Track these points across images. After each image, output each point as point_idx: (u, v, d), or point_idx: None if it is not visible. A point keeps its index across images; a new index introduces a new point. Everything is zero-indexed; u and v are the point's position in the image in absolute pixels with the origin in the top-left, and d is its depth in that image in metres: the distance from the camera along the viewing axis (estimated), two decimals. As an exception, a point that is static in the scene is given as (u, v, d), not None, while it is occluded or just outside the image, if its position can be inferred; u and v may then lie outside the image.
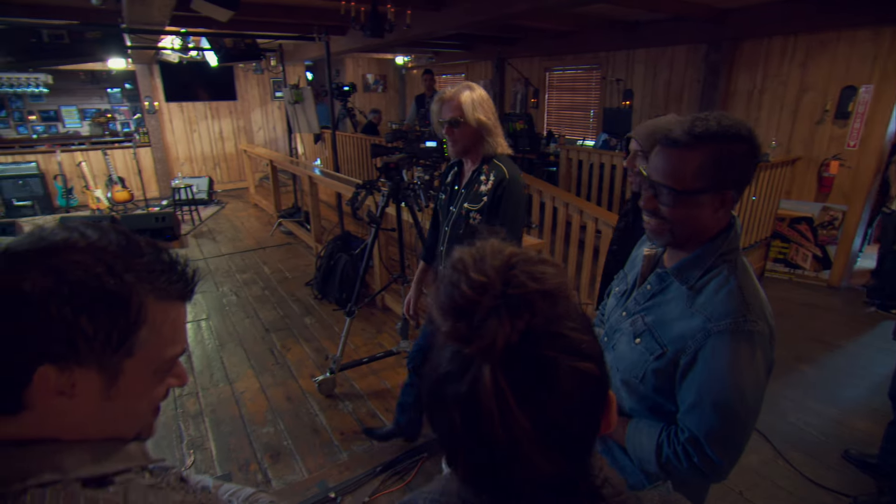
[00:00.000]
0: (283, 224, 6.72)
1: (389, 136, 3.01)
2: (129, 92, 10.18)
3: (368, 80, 10.99)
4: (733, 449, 1.02)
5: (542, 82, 7.92)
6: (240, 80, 9.82)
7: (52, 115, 10.08)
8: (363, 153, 6.84)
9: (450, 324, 0.50)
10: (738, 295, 1.00)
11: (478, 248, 0.54)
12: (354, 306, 2.97)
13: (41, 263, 0.51)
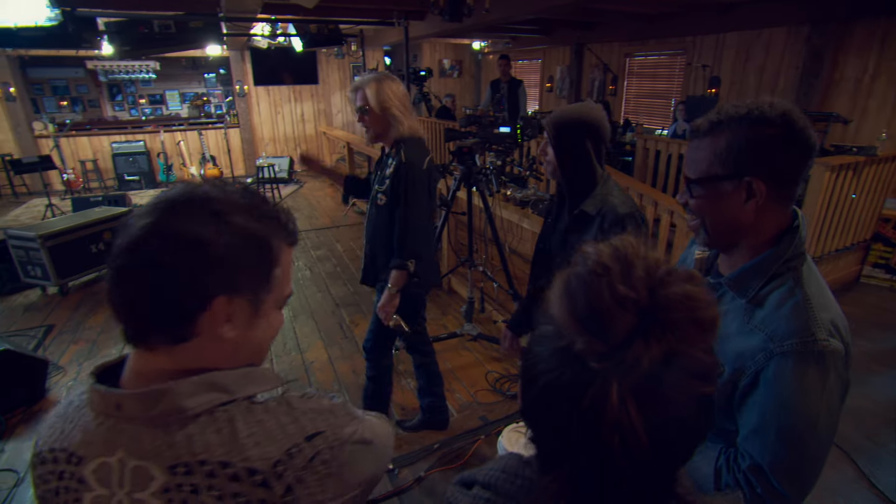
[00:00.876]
0: (357, 204, 6.92)
1: (463, 120, 3.00)
2: (222, 77, 10.83)
3: (444, 65, 11.00)
4: (803, 480, 0.90)
5: (621, 69, 7.57)
6: (322, 65, 10.16)
7: (157, 99, 10.95)
8: (437, 137, 6.88)
9: (585, 337, 0.48)
10: (805, 309, 0.87)
11: (618, 248, 0.50)
12: (422, 287, 3.01)
13: (206, 210, 0.59)
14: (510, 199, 3.31)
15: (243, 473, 0.56)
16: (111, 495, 0.58)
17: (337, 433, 0.63)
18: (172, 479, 0.56)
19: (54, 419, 0.64)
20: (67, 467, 0.59)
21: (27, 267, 4.36)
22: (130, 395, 0.58)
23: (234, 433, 0.58)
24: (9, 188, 8.35)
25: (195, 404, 0.58)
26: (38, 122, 8.73)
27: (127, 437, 0.58)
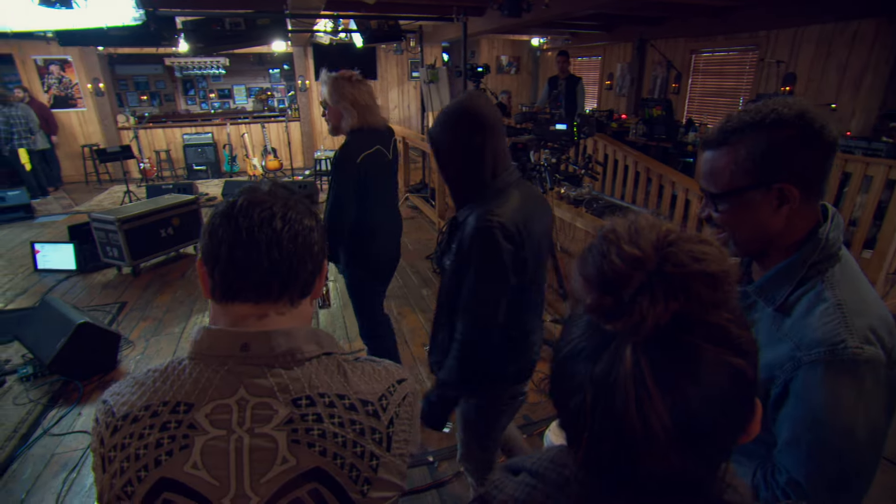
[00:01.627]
0: (410, 199, 7.00)
1: (519, 117, 2.97)
2: (286, 72, 11.23)
3: (502, 62, 10.92)
4: (846, 494, 0.84)
5: (685, 66, 7.24)
6: (381, 61, 10.32)
7: (226, 93, 11.52)
8: (490, 134, 6.85)
9: (595, 296, 0.47)
10: (836, 314, 0.81)
11: (631, 220, 0.50)
12: (470, 282, 3.01)
13: (307, 208, 0.74)
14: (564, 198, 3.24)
15: (358, 404, 0.65)
16: (228, 434, 0.61)
17: (412, 383, 0.75)
18: (296, 411, 0.63)
19: (132, 388, 0.66)
20: (173, 416, 0.62)
21: (106, 248, 4.71)
22: (259, 334, 0.65)
23: (344, 374, 0.68)
24: (94, 175, 9.04)
25: (308, 350, 0.68)
26: (122, 115, 9.38)
27: (247, 377, 0.64)
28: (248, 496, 0.60)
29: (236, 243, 0.67)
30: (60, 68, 8.71)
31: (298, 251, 0.69)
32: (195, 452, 0.60)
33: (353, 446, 0.63)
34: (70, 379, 3.00)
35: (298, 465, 0.61)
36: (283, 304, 0.69)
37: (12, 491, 2.27)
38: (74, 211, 7.17)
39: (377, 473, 0.64)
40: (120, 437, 0.62)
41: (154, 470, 0.60)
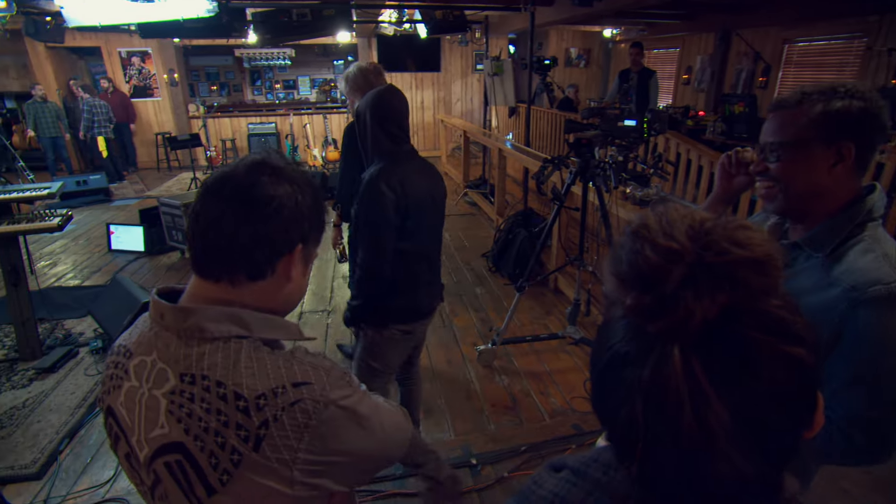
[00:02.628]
0: (469, 194, 7.02)
1: (586, 112, 2.91)
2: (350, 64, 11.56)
3: (571, 55, 10.70)
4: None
5: (776, 57, 6.79)
6: (445, 53, 10.39)
7: (290, 84, 12.03)
8: (557, 130, 6.74)
9: (633, 296, 0.45)
10: (886, 261, 0.93)
11: (660, 212, 0.48)
12: (526, 282, 2.99)
13: (299, 178, 0.75)
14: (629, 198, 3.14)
15: (231, 396, 0.65)
16: (139, 388, 0.71)
17: (324, 391, 0.69)
18: (179, 385, 0.67)
19: (132, 325, 0.79)
20: (122, 359, 0.74)
21: (172, 231, 5.04)
22: (170, 308, 0.70)
23: (236, 361, 0.67)
24: (165, 162, 9.70)
25: (215, 329, 0.68)
26: (192, 105, 10.01)
27: (162, 343, 0.70)
28: (143, 444, 0.70)
29: (190, 220, 0.73)
30: (141, 60, 9.41)
31: (250, 233, 0.70)
32: (122, 393, 0.72)
33: (216, 435, 0.65)
34: (134, 355, 3.24)
35: (169, 435, 0.67)
36: (224, 284, 0.71)
37: (80, 455, 2.48)
38: (146, 195, 7.73)
39: (239, 469, 0.65)
40: (107, 361, 0.78)
41: (106, 396, 0.75)
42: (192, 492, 0.67)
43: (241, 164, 0.74)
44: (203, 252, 0.71)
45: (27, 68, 9.20)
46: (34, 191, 2.99)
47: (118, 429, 0.73)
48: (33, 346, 3.25)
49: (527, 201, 5.34)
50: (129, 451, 0.73)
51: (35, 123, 7.97)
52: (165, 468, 0.68)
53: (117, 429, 0.74)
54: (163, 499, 0.71)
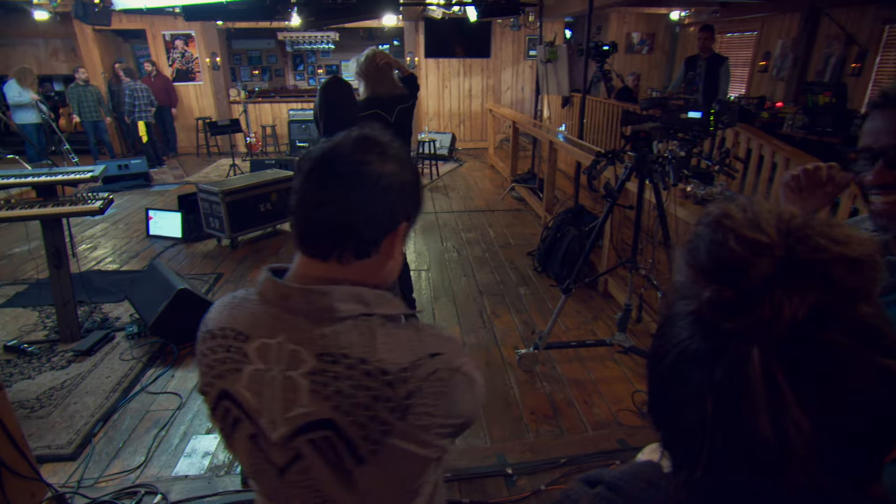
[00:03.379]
0: (516, 189, 6.99)
1: (645, 102, 2.84)
2: (395, 49, 11.68)
3: (633, 40, 10.45)
4: None
5: (873, 40, 6.40)
6: (495, 38, 10.36)
7: (333, 69, 12.28)
8: (613, 121, 6.61)
9: (711, 290, 0.44)
10: None
11: (744, 203, 0.47)
12: (573, 284, 2.96)
13: (403, 157, 0.81)
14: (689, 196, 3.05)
15: (376, 371, 0.72)
16: (267, 369, 0.76)
17: (453, 359, 0.77)
18: (319, 364, 0.74)
19: (221, 307, 0.84)
20: (234, 342, 0.78)
21: (209, 218, 5.26)
22: (298, 290, 0.76)
23: (372, 338, 0.74)
24: (205, 148, 10.11)
25: (345, 309, 0.75)
26: (234, 89, 10.38)
27: (288, 324, 0.76)
28: (278, 424, 0.75)
29: (297, 198, 0.78)
30: (184, 43, 9.83)
31: (362, 212, 0.75)
32: (244, 376, 0.77)
33: (365, 409, 0.72)
34: (167, 342, 3.42)
35: (315, 413, 0.73)
36: (333, 262, 0.77)
37: (113, 439, 2.64)
38: (185, 181, 8.09)
39: (388, 438, 0.73)
40: (205, 346, 0.82)
41: (219, 381, 0.79)
42: (339, 464, 0.74)
43: (346, 140, 0.78)
44: (312, 231, 0.77)
45: (75, 51, 9.78)
46: (78, 174, 3.19)
47: (239, 411, 0.78)
48: (72, 329, 3.47)
49: (578, 198, 5.27)
50: (254, 432, 0.78)
51: (78, 107, 8.46)
52: (310, 444, 0.74)
53: (238, 412, 0.78)
54: (302, 473, 0.77)
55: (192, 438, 2.64)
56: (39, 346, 3.41)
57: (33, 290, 4.23)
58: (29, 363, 3.24)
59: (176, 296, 3.31)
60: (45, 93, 9.53)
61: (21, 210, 3.02)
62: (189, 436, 2.66)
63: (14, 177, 3.11)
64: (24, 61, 9.39)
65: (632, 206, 2.96)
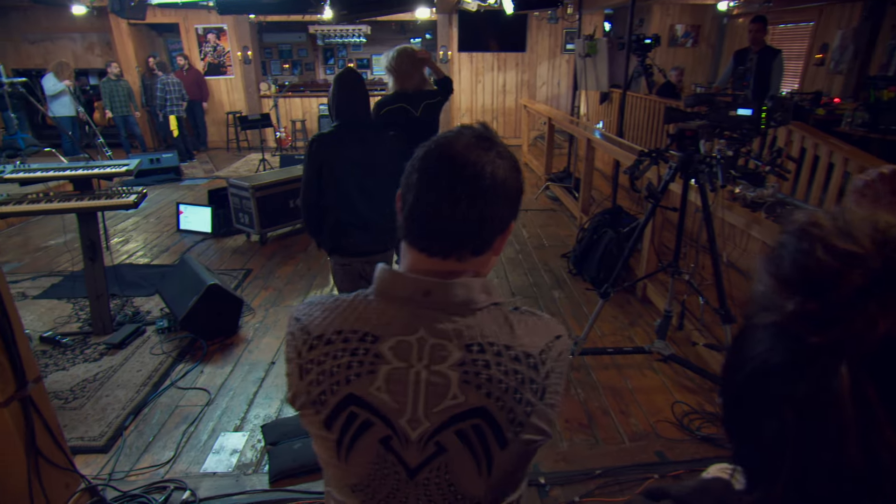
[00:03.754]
0: (550, 188, 6.94)
1: (691, 99, 2.79)
2: (427, 42, 11.72)
3: (676, 32, 10.25)
4: None
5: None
6: (531, 31, 10.30)
7: (364, 63, 12.39)
8: (655, 119, 6.50)
9: (796, 301, 0.43)
10: None
11: (832, 213, 0.46)
12: (611, 288, 2.93)
13: (514, 159, 0.85)
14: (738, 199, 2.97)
15: (522, 356, 0.79)
16: (409, 367, 0.78)
17: (566, 339, 0.87)
18: (468, 355, 0.77)
19: (324, 312, 0.84)
20: (361, 344, 0.79)
21: (239, 214, 5.38)
22: (440, 284, 0.79)
23: (511, 326, 0.81)
24: (234, 142, 10.33)
25: (481, 300, 0.80)
26: (264, 83, 10.57)
27: (427, 320, 0.79)
28: (421, 421, 0.78)
29: (418, 198, 0.80)
30: (216, 36, 10.07)
31: (486, 213, 0.79)
32: (380, 378, 0.78)
33: (514, 393, 0.77)
34: (197, 337, 3.51)
35: (466, 402, 0.77)
36: (452, 260, 0.81)
37: (143, 433, 2.73)
38: (214, 176, 8.29)
39: (529, 419, 0.79)
40: (316, 353, 0.81)
41: (345, 386, 0.79)
42: (485, 451, 0.78)
43: (461, 139, 0.81)
44: (433, 232, 0.80)
45: (110, 46, 10.12)
46: (113, 167, 3.30)
47: (370, 415, 0.79)
48: (105, 321, 3.60)
49: (616, 198, 5.20)
50: (387, 434, 0.79)
51: (109, 101, 8.76)
52: (457, 436, 0.78)
53: (368, 415, 0.79)
54: (437, 469, 0.80)
55: (221, 435, 2.71)
56: (73, 338, 3.55)
57: (68, 283, 4.40)
58: (63, 355, 3.37)
59: (206, 291, 3.40)
60: (81, 86, 9.89)
61: (59, 203, 3.15)
62: (217, 433, 2.73)
63: (53, 170, 3.24)
64: (62, 56, 9.77)
65: (675, 208, 2.91)
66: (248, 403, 2.97)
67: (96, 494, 2.20)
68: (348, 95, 2.50)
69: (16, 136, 8.00)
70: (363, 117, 2.55)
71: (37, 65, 10.16)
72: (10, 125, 8.19)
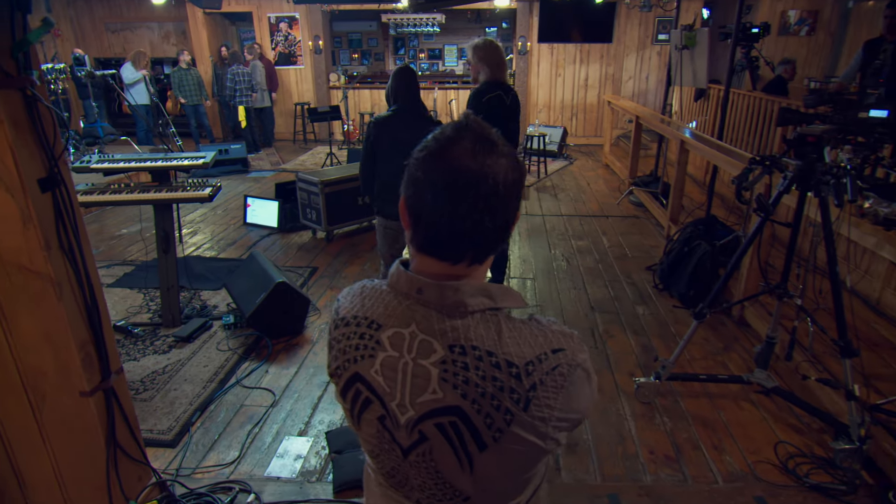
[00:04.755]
0: (635, 193, 6.77)
1: (812, 98, 2.64)
2: (503, 31, 11.70)
3: (789, 19, 9.72)
4: None
5: None
6: (620, 20, 10.07)
7: (436, 54, 12.53)
8: (759, 119, 6.19)
9: None
10: None
11: None
12: (707, 309, 2.81)
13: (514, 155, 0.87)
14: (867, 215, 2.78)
15: (503, 364, 0.83)
16: (399, 357, 0.88)
17: (574, 355, 0.87)
18: (450, 355, 0.84)
19: (352, 296, 0.98)
20: (368, 330, 0.91)
21: (307, 209, 5.57)
22: (431, 285, 0.86)
23: (499, 332, 0.85)
24: (301, 134, 10.71)
25: (474, 304, 0.85)
26: (333, 74, 10.90)
27: (420, 315, 0.87)
28: (407, 408, 0.87)
29: (420, 204, 0.84)
30: (288, 25, 10.47)
31: (497, 221, 0.84)
32: (377, 362, 0.89)
33: (491, 399, 0.82)
34: (262, 335, 3.66)
35: (444, 399, 0.84)
36: (462, 265, 0.87)
37: (209, 430, 2.88)
38: (281, 168, 8.62)
39: (510, 427, 0.83)
40: (338, 332, 0.95)
41: (353, 365, 0.92)
42: (463, 449, 0.85)
43: (462, 144, 0.83)
44: (442, 240, 0.86)
45: (185, 35, 10.73)
46: (191, 159, 3.50)
47: (370, 394, 0.91)
48: (174, 314, 3.82)
49: (710, 207, 5.00)
50: (383, 413, 0.91)
51: (179, 90, 9.28)
52: (437, 428, 0.86)
53: (368, 393, 0.92)
54: (425, 455, 0.89)
55: (285, 439, 2.81)
56: (144, 329, 3.78)
57: (140, 273, 4.70)
58: (135, 345, 3.61)
59: (274, 289, 3.54)
60: (155, 76, 10.54)
61: (139, 193, 3.37)
62: (282, 436, 2.84)
63: (135, 160, 3.47)
64: (139, 45, 10.48)
65: (787, 223, 2.76)
66: (313, 408, 3.06)
67: (165, 489, 2.34)
68: (404, 87, 3.23)
69: (95, 125, 8.63)
70: (413, 105, 3.25)
71: (116, 53, 10.94)
72: (91, 113, 8.85)
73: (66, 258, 1.77)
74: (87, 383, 1.89)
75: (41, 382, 1.89)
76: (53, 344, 1.84)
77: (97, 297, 1.89)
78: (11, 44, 1.54)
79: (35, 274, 1.71)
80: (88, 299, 1.86)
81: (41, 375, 1.88)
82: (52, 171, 1.65)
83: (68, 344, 1.83)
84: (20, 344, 1.84)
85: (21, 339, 1.83)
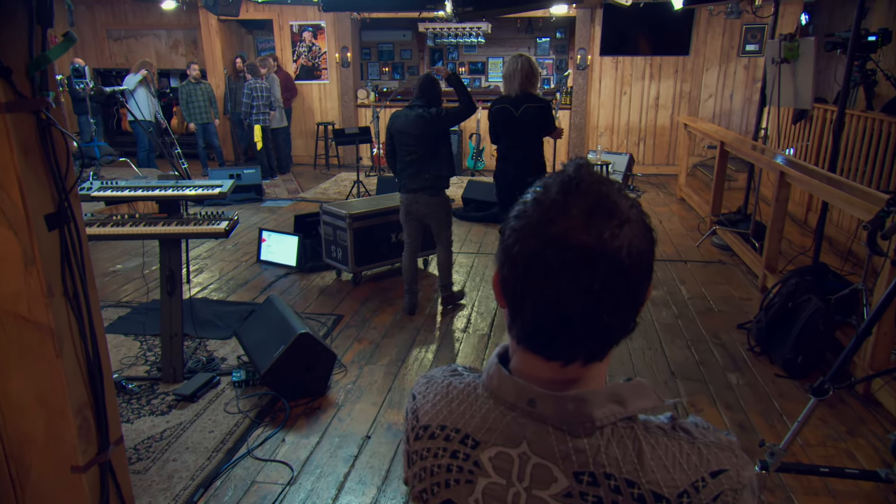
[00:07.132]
0: (719, 233, 6.64)
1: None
2: (557, 42, 11.82)
3: (902, 32, 9.60)
4: None
5: None
6: (698, 29, 10.08)
7: (479, 68, 12.70)
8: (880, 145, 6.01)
9: None
10: None
11: None
12: (830, 384, 2.67)
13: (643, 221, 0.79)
14: None
15: (649, 497, 0.74)
16: (508, 485, 0.80)
17: (740, 475, 0.78)
18: (576, 486, 0.77)
19: (435, 396, 0.91)
20: (461, 448, 0.84)
21: (331, 247, 5.59)
22: (548, 396, 0.79)
23: (640, 453, 0.76)
24: (323, 158, 10.88)
25: (602, 416, 0.77)
26: (362, 90, 11.12)
27: (531, 432, 0.79)
28: None
29: (533, 294, 0.76)
30: (313, 35, 10.79)
31: (615, 306, 0.75)
32: (478, 490, 0.82)
33: None
34: (279, 396, 3.62)
35: None
36: (576, 365, 0.79)
37: (214, 512, 2.82)
38: (300, 198, 8.75)
39: None
40: (420, 445, 0.89)
41: (444, 490, 0.85)
42: None
43: (573, 213, 0.73)
44: (545, 335, 0.78)
45: (196, 44, 11.14)
46: (205, 188, 3.54)
47: None
48: (176, 367, 3.82)
49: (818, 253, 4.85)
50: None
51: (187, 107, 9.56)
52: None
53: None
54: None
55: (306, 527, 2.73)
56: (140, 384, 3.78)
57: (137, 317, 4.75)
58: (128, 403, 3.60)
59: (296, 341, 3.51)
60: (161, 89, 10.92)
61: (145, 227, 3.41)
62: (302, 522, 2.76)
63: (141, 188, 3.53)
64: (144, 54, 10.91)
65: (930, 277, 2.62)
66: (338, 487, 2.98)
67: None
68: (416, 88, 4.78)
69: (92, 144, 8.93)
70: (418, 102, 4.69)
71: (118, 64, 11.41)
72: (87, 131, 9.17)
73: (69, 306, 1.76)
74: (82, 456, 1.86)
75: (27, 453, 1.87)
76: (47, 407, 1.82)
77: (101, 353, 1.87)
78: (28, 61, 1.56)
79: (33, 324, 1.71)
80: (91, 355, 1.84)
81: (28, 444, 1.86)
82: (61, 205, 1.66)
83: (64, 408, 1.81)
84: (7, 405, 1.83)
85: (9, 400, 1.82)
